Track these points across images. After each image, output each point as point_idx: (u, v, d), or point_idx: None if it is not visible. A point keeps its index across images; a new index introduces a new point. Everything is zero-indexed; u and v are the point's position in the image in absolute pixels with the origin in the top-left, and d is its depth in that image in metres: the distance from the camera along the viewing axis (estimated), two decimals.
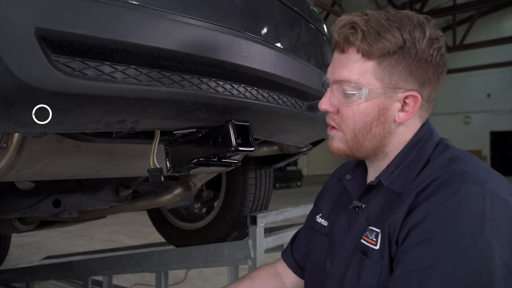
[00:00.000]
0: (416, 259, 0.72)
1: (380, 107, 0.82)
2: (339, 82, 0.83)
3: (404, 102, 0.82)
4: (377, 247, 0.80)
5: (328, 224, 0.99)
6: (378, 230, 0.81)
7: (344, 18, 0.83)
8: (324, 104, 0.86)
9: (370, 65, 0.80)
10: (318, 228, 1.02)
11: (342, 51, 0.83)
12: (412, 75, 0.80)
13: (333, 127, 0.88)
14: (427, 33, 0.79)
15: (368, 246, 0.82)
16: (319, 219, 1.03)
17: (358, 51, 0.80)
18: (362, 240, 0.84)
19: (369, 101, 0.81)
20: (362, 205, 0.89)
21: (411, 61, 0.79)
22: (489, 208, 0.71)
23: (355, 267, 0.84)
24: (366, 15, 0.81)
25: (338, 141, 0.87)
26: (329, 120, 0.88)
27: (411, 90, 0.81)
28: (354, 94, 0.81)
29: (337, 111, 0.85)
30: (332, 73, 0.85)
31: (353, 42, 0.80)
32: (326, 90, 0.88)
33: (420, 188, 0.77)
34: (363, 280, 0.80)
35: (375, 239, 0.81)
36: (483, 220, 0.70)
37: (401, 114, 0.83)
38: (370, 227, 0.83)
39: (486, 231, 0.69)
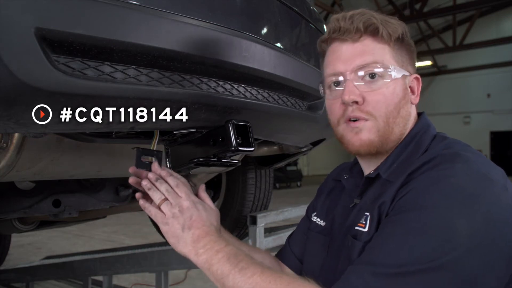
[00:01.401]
0: (391, 229, 0.73)
1: (403, 86, 0.86)
2: (362, 67, 0.84)
3: (411, 85, 0.89)
4: (366, 229, 0.82)
5: (325, 224, 0.99)
6: (368, 213, 0.83)
7: (348, 13, 0.87)
8: (351, 94, 0.84)
9: (387, 49, 0.86)
10: (313, 227, 1.02)
11: (355, 40, 0.86)
12: (411, 59, 0.89)
13: (360, 119, 0.85)
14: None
15: (358, 230, 0.83)
16: (314, 218, 1.03)
17: (375, 37, 0.85)
18: (355, 227, 0.85)
19: (395, 82, 0.85)
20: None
21: (408, 47, 0.88)
22: (470, 185, 0.72)
23: (345, 252, 0.85)
24: (360, 10, 0.88)
25: (368, 132, 0.85)
26: (355, 113, 0.85)
27: (414, 73, 0.90)
28: (382, 75, 0.84)
29: (363, 100, 0.85)
30: (349, 63, 0.85)
31: (376, 25, 0.84)
32: (339, 86, 0.87)
33: (410, 170, 0.79)
34: (352, 262, 0.80)
35: (364, 222, 0.83)
36: (463, 194, 0.71)
37: (412, 96, 0.89)
38: (363, 213, 0.85)
39: (458, 206, 0.70)
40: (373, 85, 0.84)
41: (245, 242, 1.11)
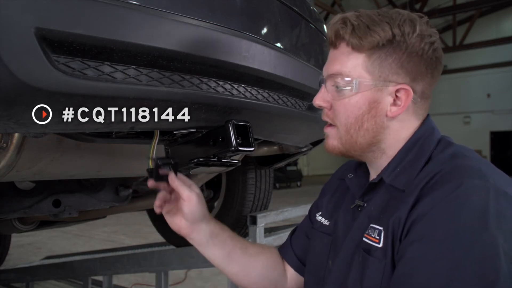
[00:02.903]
0: (417, 255, 0.71)
1: (370, 100, 0.82)
2: (331, 76, 0.85)
3: (396, 96, 0.82)
4: (380, 245, 0.79)
5: (329, 223, 0.99)
6: (381, 228, 0.80)
7: (337, 16, 0.85)
8: (318, 99, 0.88)
9: (360, 58, 0.81)
10: (318, 226, 1.02)
11: (335, 46, 0.85)
12: (403, 68, 0.80)
13: (329, 125, 0.89)
14: (418, 28, 0.80)
15: (372, 245, 0.81)
16: (319, 218, 1.03)
17: (348, 45, 0.82)
18: (364, 239, 0.83)
19: (359, 94, 0.82)
20: (364, 204, 0.89)
21: (401, 54, 0.80)
22: (493, 203, 0.70)
23: (358, 266, 0.83)
24: (359, 12, 0.83)
25: (333, 139, 0.88)
26: (324, 116, 0.89)
27: (402, 83, 0.81)
28: (345, 87, 0.83)
29: (331, 107, 0.87)
30: (326, 69, 0.87)
31: (342, 35, 0.82)
32: (320, 85, 0.89)
33: (423, 183, 0.76)
34: (367, 279, 0.80)
35: (378, 237, 0.80)
36: (487, 215, 0.69)
37: (393, 108, 0.83)
38: (372, 225, 0.82)
39: (490, 226, 0.68)
40: (337, 95, 0.84)
41: (241, 237, 1.11)
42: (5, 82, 0.63)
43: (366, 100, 0.82)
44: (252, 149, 1.04)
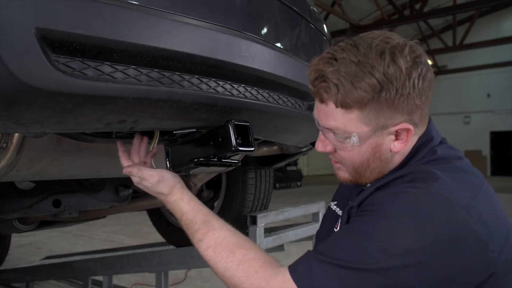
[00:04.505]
0: (345, 228, 0.83)
1: (373, 145, 0.83)
2: (327, 130, 0.85)
3: (397, 132, 0.83)
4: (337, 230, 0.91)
5: (342, 214, 1.02)
6: (340, 216, 0.93)
7: (314, 68, 0.81)
8: (320, 147, 0.90)
9: (353, 113, 0.80)
10: (331, 213, 1.06)
11: (322, 101, 0.82)
12: (398, 110, 0.79)
13: (335, 161, 0.92)
14: (402, 64, 0.76)
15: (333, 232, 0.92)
16: (334, 207, 1.06)
17: (336, 106, 0.80)
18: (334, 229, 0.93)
19: (361, 144, 0.83)
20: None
21: (393, 100, 0.77)
22: (425, 204, 0.75)
23: None
24: (336, 60, 0.78)
25: (343, 172, 0.91)
26: (331, 157, 0.91)
27: (400, 123, 0.81)
28: (345, 139, 0.83)
29: (334, 150, 0.88)
30: (320, 120, 0.86)
31: (328, 98, 0.80)
32: (319, 130, 0.89)
33: (381, 183, 0.84)
34: None
35: (338, 224, 0.93)
36: (411, 211, 0.75)
37: (397, 144, 0.84)
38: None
39: (406, 222, 0.74)
40: (338, 144, 0.86)
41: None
42: (5, 82, 0.63)
43: (369, 147, 0.84)
44: (252, 149, 1.04)
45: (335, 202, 1.08)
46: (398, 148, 0.84)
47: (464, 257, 0.73)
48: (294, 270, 0.79)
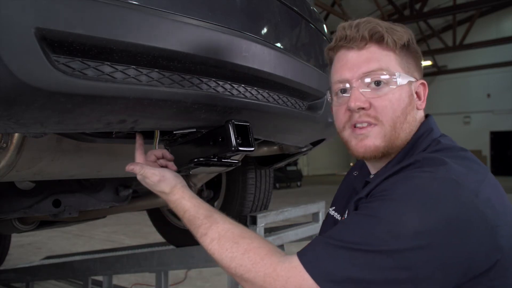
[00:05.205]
0: (354, 214, 0.83)
1: (409, 93, 0.89)
2: (368, 74, 0.87)
3: (417, 90, 0.91)
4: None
5: (341, 218, 1.03)
6: (347, 208, 0.92)
7: (354, 21, 0.89)
8: (356, 101, 0.87)
9: (392, 56, 0.88)
10: (329, 219, 1.07)
11: (361, 48, 0.88)
12: (417, 66, 0.92)
13: (367, 125, 0.88)
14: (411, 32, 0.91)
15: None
16: (332, 212, 1.07)
17: (381, 44, 0.87)
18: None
19: (401, 88, 0.87)
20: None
21: (414, 53, 0.91)
22: (434, 187, 0.75)
23: None
24: (365, 19, 0.91)
25: (374, 138, 0.88)
26: (363, 118, 0.88)
27: (420, 79, 0.92)
28: (388, 82, 0.86)
29: (370, 106, 0.87)
30: (355, 70, 0.88)
31: (381, 33, 0.86)
32: (346, 92, 0.90)
33: (390, 173, 0.84)
34: None
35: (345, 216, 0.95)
36: (420, 194, 0.75)
37: (418, 102, 0.91)
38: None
39: (415, 204, 0.74)
40: (379, 92, 0.87)
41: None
42: (5, 82, 0.63)
43: (406, 93, 0.88)
44: (252, 149, 1.04)
45: (334, 207, 1.08)
46: (421, 105, 0.92)
47: (472, 240, 0.73)
48: (303, 254, 0.79)
